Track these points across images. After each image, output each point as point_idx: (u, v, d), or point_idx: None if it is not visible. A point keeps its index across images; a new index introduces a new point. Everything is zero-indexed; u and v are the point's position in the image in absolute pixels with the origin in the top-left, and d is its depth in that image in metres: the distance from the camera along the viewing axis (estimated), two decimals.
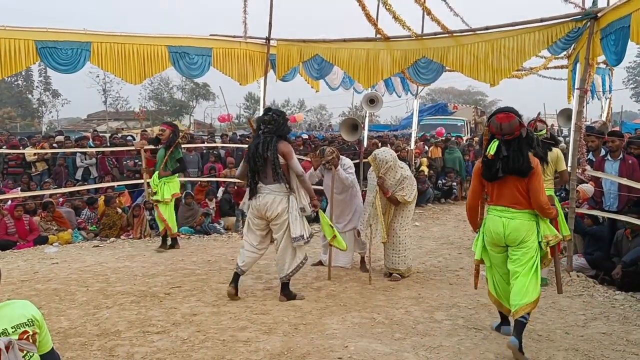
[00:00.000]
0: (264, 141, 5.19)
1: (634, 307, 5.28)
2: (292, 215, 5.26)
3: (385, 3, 8.15)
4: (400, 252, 6.34)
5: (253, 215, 5.40)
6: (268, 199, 5.24)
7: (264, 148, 5.15)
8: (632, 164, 6.73)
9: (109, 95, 46.86)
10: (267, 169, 5.20)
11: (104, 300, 5.47)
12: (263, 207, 5.26)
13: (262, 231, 5.47)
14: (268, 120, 5.24)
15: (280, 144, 5.19)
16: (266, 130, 5.23)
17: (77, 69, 8.25)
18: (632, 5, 5.51)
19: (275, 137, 5.20)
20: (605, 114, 13.47)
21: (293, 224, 5.26)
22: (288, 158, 5.21)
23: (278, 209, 5.23)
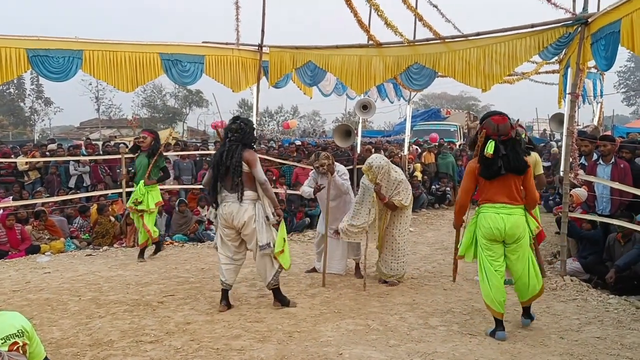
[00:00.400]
0: (228, 149, 5.15)
1: (627, 311, 5.28)
2: (258, 223, 5.18)
3: (377, 9, 8.18)
4: (399, 258, 6.33)
5: (222, 225, 5.32)
6: (233, 208, 5.16)
7: (227, 156, 5.11)
8: (623, 168, 6.77)
9: (101, 103, 46.75)
10: (230, 178, 5.15)
11: (97, 309, 5.42)
12: (229, 216, 5.18)
13: (234, 242, 5.36)
14: (235, 129, 5.22)
15: (245, 152, 5.14)
16: (232, 138, 5.20)
17: (69, 77, 8.23)
18: (622, 11, 5.55)
19: (240, 145, 5.16)
20: (596, 118, 13.56)
21: (259, 232, 5.18)
22: (252, 166, 5.13)
23: (244, 217, 5.14)
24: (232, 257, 5.38)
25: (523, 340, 4.52)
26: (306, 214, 10.65)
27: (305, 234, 10.06)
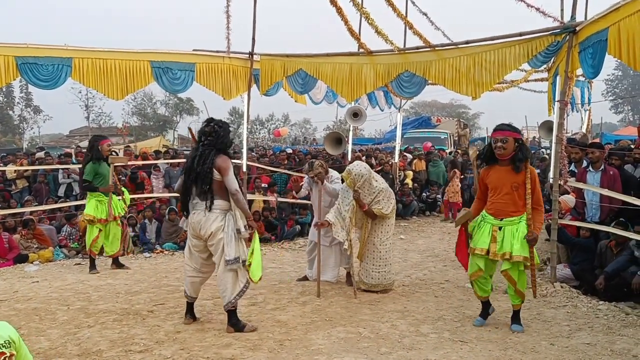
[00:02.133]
0: (201, 154, 4.80)
1: (617, 317, 5.31)
2: (227, 235, 4.79)
3: (368, 17, 8.23)
4: (380, 267, 6.26)
5: (190, 234, 4.99)
6: (201, 217, 4.81)
7: (199, 162, 4.77)
8: (613, 175, 6.82)
9: (91, 111, 46.62)
10: (199, 184, 4.80)
11: (86, 319, 5.37)
12: (197, 225, 4.83)
13: (202, 253, 5.01)
14: (208, 132, 4.87)
15: (218, 158, 4.77)
16: (206, 142, 4.85)
17: (58, 84, 8.18)
18: (609, 19, 5.62)
19: (214, 150, 4.81)
20: (585, 125, 13.67)
21: (228, 245, 4.77)
22: (223, 173, 4.75)
23: (212, 227, 4.77)
24: (199, 269, 5.06)
25: (514, 346, 4.52)
26: (297, 221, 10.64)
27: (296, 242, 10.05)
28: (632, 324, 5.12)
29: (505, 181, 4.72)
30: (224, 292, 4.87)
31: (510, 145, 4.65)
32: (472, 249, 4.91)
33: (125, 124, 42.63)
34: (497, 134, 4.70)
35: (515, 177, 4.69)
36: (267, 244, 9.62)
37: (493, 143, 4.71)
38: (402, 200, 12.78)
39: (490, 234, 4.78)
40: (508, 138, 4.64)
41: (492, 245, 4.75)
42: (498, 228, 4.77)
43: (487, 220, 4.86)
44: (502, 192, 4.74)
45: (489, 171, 4.89)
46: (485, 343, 4.61)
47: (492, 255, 4.76)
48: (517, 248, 4.65)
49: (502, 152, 4.67)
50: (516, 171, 4.67)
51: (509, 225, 4.74)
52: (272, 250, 9.34)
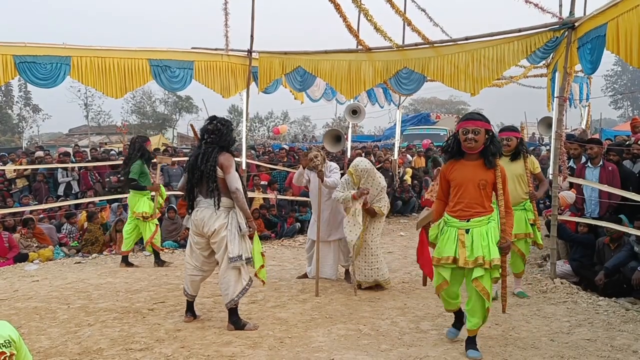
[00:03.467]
0: (204, 152, 4.82)
1: (617, 313, 5.32)
2: (230, 233, 4.81)
3: (367, 14, 8.21)
4: (372, 264, 6.25)
5: (193, 232, 5.00)
6: (205, 214, 4.83)
7: (202, 160, 4.79)
8: (612, 171, 6.82)
9: (90, 110, 46.58)
10: (205, 183, 4.83)
11: (86, 317, 5.37)
12: (200, 223, 4.85)
13: (204, 251, 5.02)
14: (212, 130, 4.87)
15: (220, 155, 4.79)
16: (209, 140, 4.87)
17: (57, 83, 8.17)
18: (608, 15, 5.61)
19: (217, 148, 4.83)
20: (584, 121, 13.66)
21: (231, 243, 4.80)
22: (226, 171, 4.77)
23: (215, 225, 4.79)
24: (200, 267, 5.07)
25: (514, 343, 4.53)
26: (297, 219, 10.64)
27: (295, 240, 10.05)
28: (632, 319, 5.13)
29: (472, 178, 4.08)
30: (227, 290, 4.87)
31: (482, 137, 4.03)
32: (437, 259, 4.20)
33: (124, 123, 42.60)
34: (468, 124, 4.04)
35: (484, 174, 4.08)
36: (267, 241, 9.62)
37: (462, 134, 4.05)
38: (402, 197, 12.79)
39: (457, 239, 4.11)
40: (480, 129, 4.01)
41: (460, 252, 4.08)
42: (465, 231, 4.09)
43: (450, 224, 4.18)
44: (467, 190, 4.09)
45: (453, 166, 4.21)
46: (486, 339, 4.61)
47: (463, 263, 4.07)
48: (494, 250, 4.05)
49: (473, 145, 4.04)
50: (488, 166, 4.07)
51: (477, 226, 4.08)
52: (272, 248, 9.35)
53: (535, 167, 5.95)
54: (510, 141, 5.73)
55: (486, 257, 3.99)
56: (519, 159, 5.77)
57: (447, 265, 4.15)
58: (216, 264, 5.08)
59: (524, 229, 5.80)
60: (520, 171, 5.73)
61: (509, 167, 5.35)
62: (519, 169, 5.73)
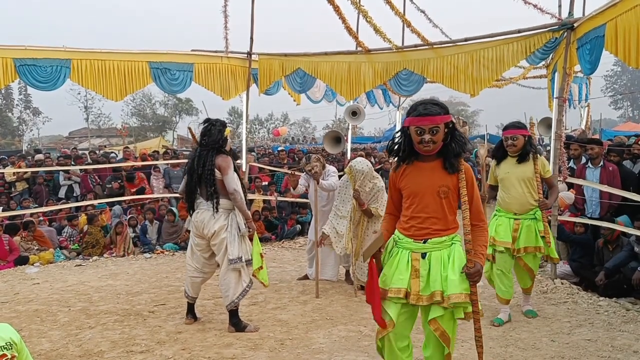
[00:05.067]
0: (199, 155, 4.85)
1: (617, 313, 5.32)
2: (230, 235, 4.83)
3: (366, 16, 8.22)
4: None
5: (194, 234, 5.02)
6: (205, 216, 4.84)
7: (198, 163, 4.81)
8: (612, 171, 6.83)
9: (90, 112, 46.61)
10: (204, 186, 4.84)
11: (87, 320, 5.38)
12: (200, 224, 4.87)
13: (204, 253, 5.03)
14: (203, 132, 4.91)
15: (217, 157, 4.81)
16: (203, 142, 4.90)
17: (57, 86, 8.18)
18: (607, 15, 5.62)
19: (212, 150, 4.84)
20: (584, 122, 13.67)
21: (231, 245, 4.81)
22: (223, 172, 4.78)
23: (215, 226, 4.80)
24: (201, 269, 5.08)
25: (515, 343, 4.53)
26: (297, 221, 10.65)
27: (296, 241, 10.05)
28: (632, 319, 5.13)
29: (430, 184, 3.04)
30: (227, 292, 4.88)
31: (441, 135, 2.97)
32: (383, 290, 3.09)
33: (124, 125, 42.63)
34: (423, 121, 2.92)
35: (446, 179, 3.03)
36: (267, 243, 9.62)
37: (415, 135, 2.97)
38: None
39: (410, 265, 3.05)
40: (438, 126, 2.94)
41: (412, 283, 3.03)
42: (420, 256, 3.05)
43: (402, 244, 3.12)
44: (423, 200, 3.05)
45: (404, 171, 3.14)
46: (486, 340, 4.60)
47: (415, 299, 3.02)
48: (454, 283, 2.95)
49: (431, 148, 2.97)
50: (448, 170, 3.01)
51: (436, 249, 3.04)
52: (272, 250, 9.35)
53: (546, 170, 5.18)
54: (516, 140, 4.98)
55: (445, 291, 2.96)
56: (528, 160, 5.03)
57: (397, 300, 3.05)
58: (217, 266, 5.10)
59: (533, 242, 5.04)
60: (529, 174, 5.01)
61: (516, 170, 5.01)
62: (527, 172, 5.02)
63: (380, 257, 3.22)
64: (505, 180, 5.09)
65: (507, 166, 5.12)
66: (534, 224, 5.04)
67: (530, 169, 5.03)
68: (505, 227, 5.09)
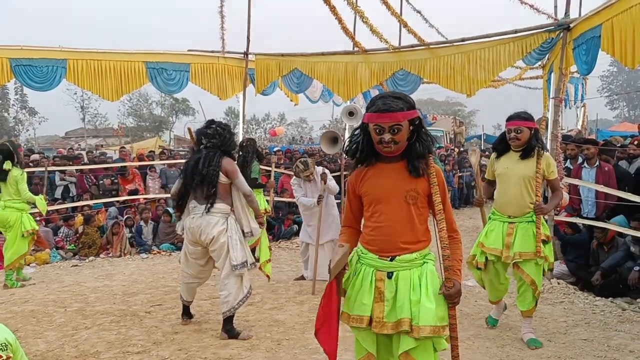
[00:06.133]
0: (205, 156, 4.65)
1: (613, 313, 5.33)
2: (232, 240, 4.68)
3: (362, 16, 8.24)
4: None
5: (188, 240, 4.83)
6: (202, 221, 4.65)
7: (204, 164, 4.62)
8: (608, 171, 6.84)
9: (87, 112, 46.50)
10: (204, 187, 4.67)
11: (83, 320, 5.36)
12: (197, 230, 4.67)
13: (199, 260, 4.88)
14: (212, 134, 4.73)
15: (224, 160, 4.68)
16: (209, 144, 4.72)
17: (53, 86, 8.18)
18: (603, 16, 5.64)
19: (219, 152, 4.70)
20: (580, 122, 13.71)
21: (233, 250, 4.65)
22: (233, 177, 4.68)
23: (213, 231, 4.63)
24: (196, 275, 4.96)
25: (511, 344, 4.53)
26: (294, 221, 10.64)
27: (293, 242, 10.05)
28: (628, 319, 5.14)
29: (395, 189, 2.58)
30: (227, 297, 4.71)
31: (405, 133, 2.52)
32: (347, 316, 2.64)
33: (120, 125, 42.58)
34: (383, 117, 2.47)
35: (412, 182, 2.58)
36: None
37: (375, 134, 2.52)
38: None
39: (373, 286, 2.58)
40: (400, 125, 2.48)
41: (376, 307, 2.56)
42: (386, 275, 2.57)
43: (366, 261, 2.64)
44: (388, 207, 2.59)
45: (365, 173, 2.67)
46: (483, 340, 4.62)
47: (377, 325, 2.55)
48: (429, 312, 2.48)
49: (393, 149, 2.52)
50: (414, 174, 2.57)
51: (404, 268, 2.56)
52: None
53: (551, 170, 4.50)
54: (520, 133, 4.38)
55: (414, 320, 2.48)
56: (532, 157, 4.43)
57: (361, 328, 2.61)
58: (212, 270, 5.03)
59: (531, 247, 4.41)
60: (530, 173, 4.42)
61: (517, 167, 4.43)
62: (529, 170, 4.43)
63: (342, 278, 2.63)
64: (503, 176, 4.55)
65: (507, 161, 4.56)
66: (531, 227, 4.45)
67: (532, 167, 4.44)
68: (497, 232, 4.56)
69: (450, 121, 27.02)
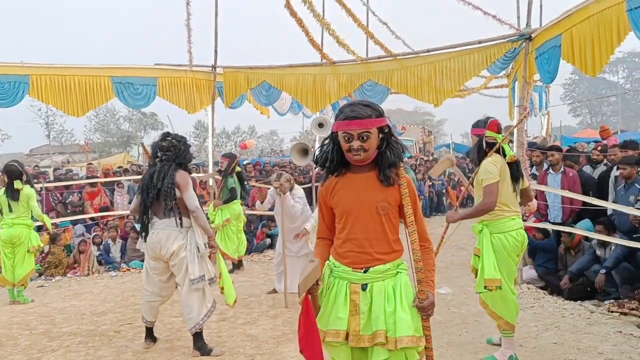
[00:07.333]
0: (160, 170, 4.56)
1: (582, 316, 5.42)
2: (190, 254, 4.58)
3: (328, 28, 8.28)
4: None
5: (149, 256, 4.74)
6: (162, 236, 4.57)
7: (158, 178, 4.52)
8: (572, 177, 7.00)
9: (52, 129, 45.51)
10: (160, 202, 4.57)
11: (49, 342, 5.20)
12: (157, 245, 4.58)
13: (161, 276, 4.76)
14: (166, 147, 4.65)
15: (177, 173, 4.59)
16: (164, 157, 4.64)
17: (15, 102, 7.99)
18: (562, 26, 5.80)
19: (173, 165, 4.62)
20: (545, 129, 14.01)
21: (191, 264, 4.57)
22: (182, 190, 4.55)
23: (173, 246, 4.54)
24: (158, 293, 4.81)
25: (484, 350, 4.56)
26: (267, 234, 10.57)
27: (265, 255, 9.98)
28: (596, 321, 5.24)
29: (365, 199, 2.56)
30: (190, 314, 4.61)
31: (374, 141, 2.51)
32: (322, 332, 2.53)
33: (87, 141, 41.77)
34: (351, 125, 2.46)
35: (383, 192, 2.56)
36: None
37: (344, 141, 2.51)
38: None
39: (348, 299, 2.55)
40: (369, 132, 2.47)
41: (351, 320, 2.52)
42: (361, 287, 2.55)
43: (338, 274, 2.61)
44: (359, 219, 2.57)
45: (335, 184, 2.65)
46: (456, 347, 4.65)
47: (354, 338, 2.52)
48: (405, 323, 2.46)
49: (362, 157, 2.51)
50: (385, 183, 2.55)
51: (379, 279, 2.55)
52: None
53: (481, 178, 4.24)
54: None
55: (390, 332, 2.46)
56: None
57: (339, 345, 2.55)
58: (175, 288, 4.88)
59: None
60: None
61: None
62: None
63: (317, 293, 2.54)
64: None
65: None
66: None
67: None
68: None
69: (420, 131, 27.33)
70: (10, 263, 6.94)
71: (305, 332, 2.44)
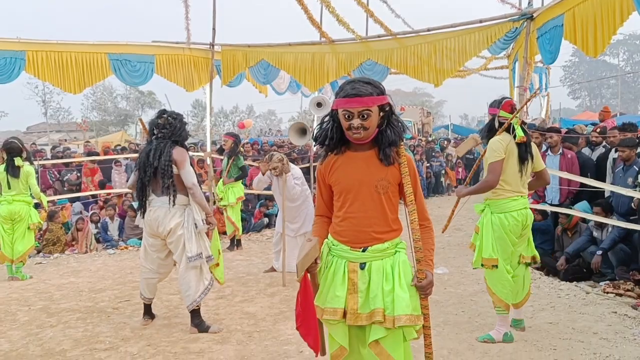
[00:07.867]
0: (156, 147, 4.56)
1: (578, 297, 5.46)
2: (187, 231, 4.60)
3: (328, 6, 8.20)
4: None
5: (147, 233, 4.75)
6: (159, 213, 4.58)
7: (155, 155, 4.52)
8: (571, 158, 7.00)
9: (49, 107, 45.27)
10: (158, 179, 4.57)
11: (48, 318, 5.23)
12: (155, 223, 4.60)
13: (159, 253, 4.78)
14: (162, 124, 4.64)
15: (174, 150, 4.58)
16: (160, 135, 4.63)
17: (12, 79, 7.93)
18: (565, 5, 5.74)
19: (169, 142, 4.61)
20: (544, 111, 13.98)
21: (189, 241, 4.59)
22: (180, 166, 4.55)
23: (171, 223, 4.56)
24: (156, 269, 4.83)
25: (480, 328, 4.60)
26: (264, 213, 10.59)
27: (263, 234, 10.01)
28: (592, 302, 5.28)
29: (365, 178, 2.51)
30: (188, 291, 4.64)
31: (374, 120, 2.44)
32: (320, 310, 2.54)
33: (84, 119, 41.62)
34: (352, 102, 2.40)
35: (383, 171, 2.51)
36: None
37: (344, 119, 2.45)
38: None
39: (346, 277, 2.53)
40: (370, 109, 2.40)
41: (350, 299, 2.51)
42: (359, 266, 2.52)
43: (337, 252, 2.58)
44: (358, 198, 2.53)
45: (334, 162, 2.60)
46: (452, 326, 4.68)
47: (352, 317, 2.49)
48: (403, 301, 2.45)
49: (362, 135, 2.45)
50: (385, 162, 2.50)
51: (377, 258, 2.52)
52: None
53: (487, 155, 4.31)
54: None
55: (388, 310, 2.45)
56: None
57: (337, 322, 2.53)
58: (173, 265, 4.91)
59: None
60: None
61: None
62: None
63: (316, 271, 2.55)
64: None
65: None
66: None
67: None
68: None
69: (418, 112, 27.27)
70: (9, 239, 6.95)
71: (302, 309, 2.47)
